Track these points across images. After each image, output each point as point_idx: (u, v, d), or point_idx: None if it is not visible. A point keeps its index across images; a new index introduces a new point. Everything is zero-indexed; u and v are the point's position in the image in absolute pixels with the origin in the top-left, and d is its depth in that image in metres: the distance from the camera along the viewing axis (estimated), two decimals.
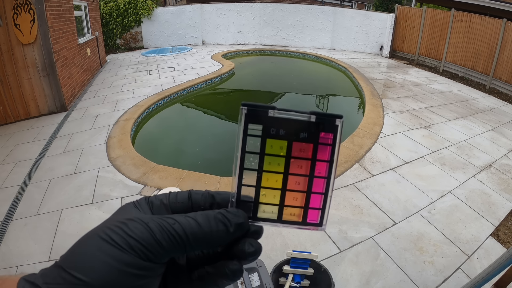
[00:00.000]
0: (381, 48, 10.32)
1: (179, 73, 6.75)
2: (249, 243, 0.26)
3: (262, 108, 0.25)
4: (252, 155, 0.26)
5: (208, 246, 0.24)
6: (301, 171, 0.26)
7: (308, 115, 0.26)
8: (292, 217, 0.27)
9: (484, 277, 1.20)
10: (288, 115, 0.25)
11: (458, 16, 7.78)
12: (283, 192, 0.27)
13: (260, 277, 1.36)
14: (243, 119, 0.25)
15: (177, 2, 16.25)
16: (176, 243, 0.22)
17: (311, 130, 0.26)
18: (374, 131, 4.04)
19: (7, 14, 3.94)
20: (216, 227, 0.24)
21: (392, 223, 2.43)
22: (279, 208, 0.27)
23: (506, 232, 2.43)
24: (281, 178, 0.26)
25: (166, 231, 0.22)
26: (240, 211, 0.26)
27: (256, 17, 11.08)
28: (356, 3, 21.45)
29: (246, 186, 0.26)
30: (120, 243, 0.20)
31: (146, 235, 0.21)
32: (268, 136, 0.25)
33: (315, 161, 0.26)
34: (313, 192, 0.27)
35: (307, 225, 0.27)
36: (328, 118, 0.26)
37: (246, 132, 0.25)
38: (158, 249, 0.21)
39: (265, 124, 0.25)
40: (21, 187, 2.81)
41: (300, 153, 0.26)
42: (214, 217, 0.24)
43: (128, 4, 10.03)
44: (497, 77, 6.98)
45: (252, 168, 0.26)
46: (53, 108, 4.69)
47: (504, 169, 3.38)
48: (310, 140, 0.26)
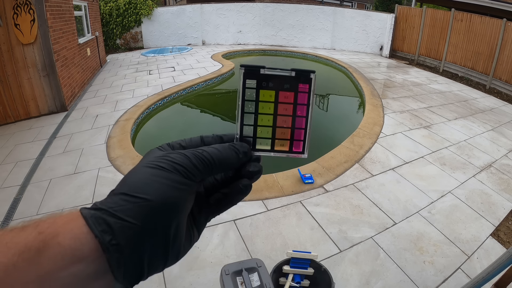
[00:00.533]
0: (381, 48, 10.31)
1: (179, 73, 6.75)
2: (254, 165, 0.33)
3: (256, 68, 0.33)
4: (250, 102, 0.34)
5: (226, 168, 0.30)
6: (287, 112, 0.34)
7: (290, 71, 0.33)
8: (282, 147, 0.35)
9: (484, 277, 1.20)
10: (275, 72, 0.33)
11: (458, 16, 7.78)
12: (274, 128, 0.35)
13: (260, 277, 1.36)
14: (242, 76, 0.33)
15: (177, 2, 16.25)
16: (207, 165, 0.28)
17: (292, 82, 0.34)
18: (374, 131, 4.04)
19: (7, 14, 3.94)
20: (231, 153, 0.31)
21: (392, 223, 2.43)
22: (272, 141, 0.35)
23: (506, 232, 2.43)
24: (272, 118, 0.34)
25: (200, 157, 0.28)
26: (244, 143, 0.33)
27: (256, 17, 11.08)
28: (356, 3, 21.44)
29: (246, 126, 0.34)
30: (168, 167, 0.26)
31: (185, 160, 0.27)
32: (261, 87, 0.34)
33: (296, 105, 0.34)
34: (296, 128, 0.35)
35: (293, 153, 0.35)
36: (304, 73, 0.34)
37: (244, 85, 0.33)
38: (195, 170, 0.27)
39: (258, 79, 0.33)
40: (21, 187, 2.81)
41: (285, 99, 0.34)
42: (228, 147, 0.31)
43: (128, 4, 10.02)
44: (497, 77, 6.98)
45: (250, 112, 0.34)
46: (53, 108, 4.69)
47: (504, 169, 3.38)
48: (292, 89, 0.34)
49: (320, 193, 2.75)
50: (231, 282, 1.33)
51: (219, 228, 2.27)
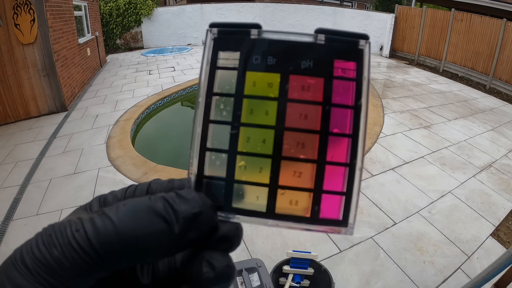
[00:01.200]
0: (381, 48, 10.31)
1: (179, 73, 6.75)
2: (208, 261, 0.17)
3: (240, 27, 0.17)
4: (224, 99, 0.17)
5: (138, 259, 0.15)
6: (307, 124, 0.17)
7: (313, 34, 0.17)
8: (294, 209, 0.17)
9: (484, 277, 1.20)
10: (281, 36, 0.17)
11: (458, 16, 7.77)
12: (276, 161, 0.17)
13: (260, 277, 1.36)
14: (210, 44, 0.17)
15: (177, 2, 16.25)
16: (82, 260, 0.14)
17: (320, 56, 0.17)
18: (374, 131, 4.04)
19: (7, 14, 3.94)
20: (148, 226, 0.15)
21: (392, 223, 2.43)
22: (270, 191, 0.17)
23: (506, 232, 2.43)
24: (272, 136, 0.17)
25: (67, 244, 0.14)
26: (200, 194, 0.16)
27: (256, 17, 11.08)
28: (356, 3, 21.45)
29: (213, 151, 0.17)
30: (20, 263, 0.15)
31: (43, 252, 0.15)
32: (250, 67, 0.17)
33: (330, 107, 0.17)
34: (329, 163, 0.16)
35: (320, 223, 0.17)
36: (346, 38, 0.17)
37: (214, 64, 0.17)
38: (61, 272, 0.14)
39: (244, 50, 0.17)
40: (21, 187, 2.81)
41: (302, 94, 0.17)
42: (148, 208, 0.15)
43: (128, 4, 10.02)
44: (497, 77, 6.98)
45: (222, 121, 0.17)
46: (53, 108, 4.69)
47: (504, 169, 3.38)
48: (318, 72, 0.17)
49: None
50: None
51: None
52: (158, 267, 0.20)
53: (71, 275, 0.14)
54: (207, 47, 0.18)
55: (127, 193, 0.20)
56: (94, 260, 0.14)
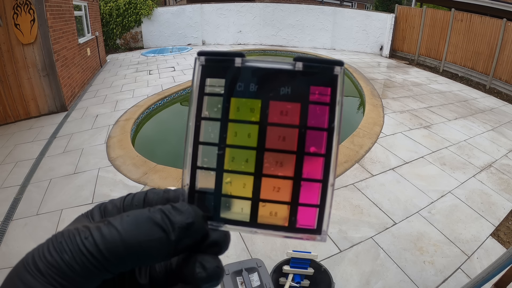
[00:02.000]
0: (381, 48, 10.31)
1: (179, 73, 6.75)
2: (200, 262, 0.19)
3: (225, 56, 0.19)
4: (211, 123, 0.19)
5: (141, 263, 0.18)
6: (285, 145, 0.19)
7: (292, 63, 0.18)
8: (274, 219, 0.19)
9: (484, 277, 1.20)
10: (261, 64, 0.19)
11: (458, 16, 7.78)
12: (258, 178, 0.19)
13: (260, 277, 1.36)
14: (199, 72, 0.19)
15: (177, 2, 16.25)
16: (91, 264, 0.16)
17: (297, 83, 0.18)
18: (374, 131, 4.04)
19: (7, 14, 3.94)
20: (148, 235, 0.17)
21: (392, 223, 2.43)
22: (253, 204, 0.19)
23: (506, 232, 2.43)
24: (253, 157, 0.19)
25: (77, 250, 0.16)
26: (192, 206, 0.19)
27: (256, 17, 11.08)
28: (356, 3, 21.45)
29: (202, 169, 0.19)
30: (33, 268, 0.17)
31: (55, 257, 0.16)
32: (234, 94, 0.19)
33: (306, 130, 0.19)
34: (304, 179, 0.19)
35: (297, 231, 0.19)
36: (322, 65, 0.18)
37: (202, 90, 0.19)
38: (71, 274, 0.16)
39: (229, 77, 0.19)
40: (21, 187, 2.81)
41: (281, 118, 0.19)
42: (148, 219, 0.17)
43: (128, 4, 10.02)
44: (497, 77, 6.98)
45: (210, 143, 0.19)
46: (53, 108, 4.69)
47: (504, 169, 3.38)
48: (296, 98, 0.18)
49: None
50: (231, 282, 1.33)
51: None
52: (155, 268, 0.22)
53: (81, 277, 0.16)
54: (195, 74, 0.20)
55: (125, 202, 0.22)
56: (102, 264, 0.17)
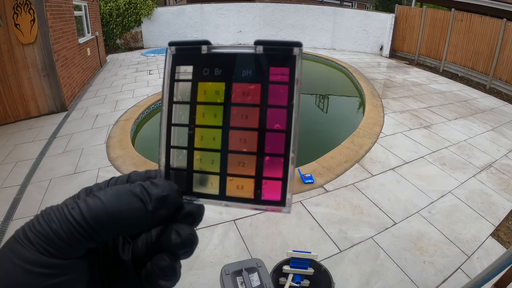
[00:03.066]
0: (381, 48, 10.31)
1: None
2: (176, 230, 0.20)
3: (193, 44, 0.20)
4: (182, 106, 0.21)
5: (122, 230, 0.19)
6: (247, 123, 0.20)
7: (252, 46, 0.20)
8: (240, 192, 0.20)
9: (484, 277, 1.20)
10: (224, 49, 0.20)
11: (458, 16, 7.77)
12: (224, 154, 0.20)
13: (260, 277, 1.36)
14: (170, 61, 0.21)
15: (177, 2, 16.25)
16: (76, 231, 0.18)
17: (258, 65, 0.19)
18: (374, 131, 4.04)
19: (7, 14, 3.94)
20: (128, 204, 0.19)
21: (392, 223, 2.43)
22: (221, 179, 0.20)
23: (506, 232, 2.43)
24: (220, 135, 0.20)
25: (64, 219, 0.18)
26: (168, 182, 0.20)
27: (256, 17, 11.08)
28: (356, 3, 21.44)
29: (176, 149, 0.21)
30: (23, 238, 0.18)
31: (44, 226, 0.18)
32: (200, 78, 0.20)
33: (267, 108, 0.19)
34: (267, 154, 0.20)
35: (263, 203, 0.20)
36: (280, 47, 0.19)
37: (173, 77, 0.21)
38: (58, 242, 0.18)
39: (196, 64, 0.20)
40: (21, 187, 2.81)
41: (243, 98, 0.20)
42: (128, 191, 0.19)
43: (128, 4, 10.02)
44: (497, 77, 6.98)
45: (181, 124, 0.21)
46: (53, 108, 4.69)
47: (504, 169, 3.38)
48: (256, 79, 0.19)
49: (320, 193, 2.74)
50: (231, 282, 1.33)
51: (219, 228, 2.27)
52: (137, 245, 0.24)
53: (67, 244, 0.18)
54: (167, 63, 0.21)
55: (109, 184, 0.23)
56: (86, 231, 0.18)
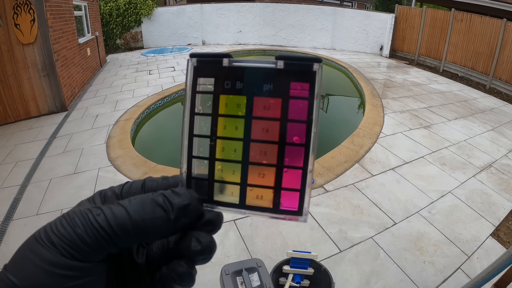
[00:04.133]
0: (381, 48, 10.31)
1: (179, 73, 6.75)
2: (196, 237, 0.21)
3: (214, 57, 0.21)
4: (203, 118, 0.21)
5: (145, 238, 0.20)
6: (268, 136, 0.21)
7: (273, 61, 0.20)
8: (260, 201, 0.21)
9: (484, 277, 1.20)
10: (246, 63, 0.20)
11: (458, 16, 7.77)
12: (245, 165, 0.21)
13: (260, 277, 1.36)
14: (191, 72, 0.21)
15: (177, 2, 16.25)
16: (101, 237, 0.18)
17: (278, 79, 0.20)
18: (374, 131, 4.04)
19: (7, 14, 3.94)
20: (152, 214, 0.19)
21: (392, 223, 2.43)
22: (241, 188, 0.21)
23: (506, 232, 2.43)
24: (241, 147, 0.21)
25: (89, 225, 0.19)
26: (189, 190, 0.21)
27: (256, 17, 11.08)
28: (356, 3, 21.44)
29: (197, 159, 0.22)
30: (45, 240, 0.18)
31: (68, 230, 0.19)
32: (222, 91, 0.21)
33: (287, 122, 0.20)
34: (286, 166, 0.21)
35: (281, 213, 0.21)
36: (301, 62, 0.20)
37: (195, 88, 0.21)
38: (82, 246, 0.18)
39: (218, 76, 0.21)
40: (21, 187, 2.81)
41: (264, 112, 0.20)
42: (152, 201, 0.20)
43: (128, 4, 10.02)
44: (497, 77, 6.98)
45: (203, 135, 0.21)
46: (53, 108, 4.69)
47: (504, 169, 3.38)
48: (277, 93, 0.20)
49: (320, 193, 2.74)
50: (231, 282, 1.33)
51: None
52: (152, 249, 0.24)
53: (90, 248, 0.19)
54: (188, 74, 0.21)
55: (123, 189, 0.25)
56: (111, 238, 0.19)
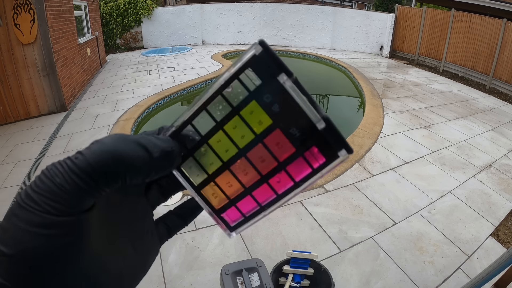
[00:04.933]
0: (381, 48, 10.31)
1: (179, 73, 6.75)
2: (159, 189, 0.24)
3: (277, 63, 0.19)
4: (223, 103, 0.20)
5: (128, 174, 0.18)
6: (259, 164, 0.20)
7: (318, 117, 0.19)
8: (212, 198, 0.23)
9: (484, 277, 1.20)
10: (298, 97, 0.19)
11: (458, 16, 7.78)
12: (224, 167, 0.21)
13: (260, 277, 1.36)
14: (248, 57, 0.19)
15: (177, 2, 16.25)
16: (81, 180, 0.17)
17: (307, 133, 0.19)
18: (374, 131, 4.04)
19: (7, 14, 3.94)
20: (133, 151, 0.18)
21: (392, 223, 2.43)
22: (207, 179, 0.22)
23: (506, 232, 2.43)
24: (233, 153, 0.21)
25: (68, 170, 0.17)
26: (173, 141, 0.21)
27: (256, 17, 11.08)
28: (356, 3, 21.45)
29: (192, 129, 0.21)
30: (27, 201, 0.17)
31: (47, 183, 0.17)
32: (257, 99, 0.19)
33: (281, 169, 0.20)
34: (252, 195, 0.21)
35: (219, 218, 0.23)
36: (336, 138, 0.19)
37: (238, 74, 0.19)
38: (63, 195, 0.17)
39: (265, 84, 0.19)
40: (21, 187, 2.81)
41: (273, 147, 0.20)
42: (134, 139, 0.19)
43: (128, 4, 10.02)
44: (497, 77, 6.98)
45: (212, 116, 0.20)
46: (53, 108, 4.69)
47: (504, 169, 3.38)
48: (295, 143, 0.19)
49: (320, 193, 2.74)
50: (231, 282, 1.33)
51: (219, 228, 2.27)
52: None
53: (72, 196, 0.17)
54: (244, 57, 0.19)
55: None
56: (91, 177, 0.17)
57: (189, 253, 2.04)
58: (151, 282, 1.82)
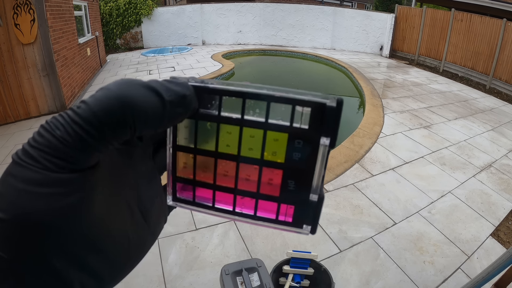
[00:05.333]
0: (381, 48, 10.32)
1: (179, 73, 6.75)
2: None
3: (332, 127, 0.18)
4: (263, 113, 0.19)
5: (136, 123, 0.16)
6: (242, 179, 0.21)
7: (317, 192, 0.20)
8: (179, 164, 0.22)
9: (484, 277, 1.20)
10: (318, 165, 0.19)
11: (458, 16, 7.78)
12: (212, 154, 0.21)
13: (260, 277, 1.36)
14: (318, 100, 0.18)
15: (177, 2, 16.25)
16: (83, 131, 0.15)
17: (298, 195, 0.20)
18: (374, 131, 4.04)
19: (7, 14, 3.94)
20: (143, 96, 0.16)
21: (392, 223, 2.43)
22: (189, 148, 0.22)
23: (506, 232, 2.43)
24: (231, 151, 0.20)
25: (70, 121, 0.15)
26: (190, 86, 0.19)
27: (256, 17, 11.08)
28: (356, 3, 21.46)
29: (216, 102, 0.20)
30: (24, 158, 0.15)
31: (47, 137, 0.15)
32: (290, 136, 0.19)
33: (254, 197, 0.21)
34: (214, 192, 0.22)
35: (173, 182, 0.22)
36: (313, 215, 0.20)
37: (300, 103, 0.18)
38: (64, 148, 0.15)
39: (308, 132, 0.19)
40: None
41: (266, 178, 0.20)
42: (144, 83, 0.17)
43: (128, 4, 10.02)
44: (497, 77, 6.98)
45: (244, 111, 0.19)
46: (53, 108, 4.69)
47: (504, 169, 3.38)
48: (285, 192, 0.20)
49: None
50: (231, 282, 1.33)
51: (219, 228, 2.27)
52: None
53: (74, 149, 0.15)
54: (317, 97, 0.18)
55: None
56: (96, 128, 0.15)
57: (189, 253, 2.04)
58: (151, 282, 1.82)
